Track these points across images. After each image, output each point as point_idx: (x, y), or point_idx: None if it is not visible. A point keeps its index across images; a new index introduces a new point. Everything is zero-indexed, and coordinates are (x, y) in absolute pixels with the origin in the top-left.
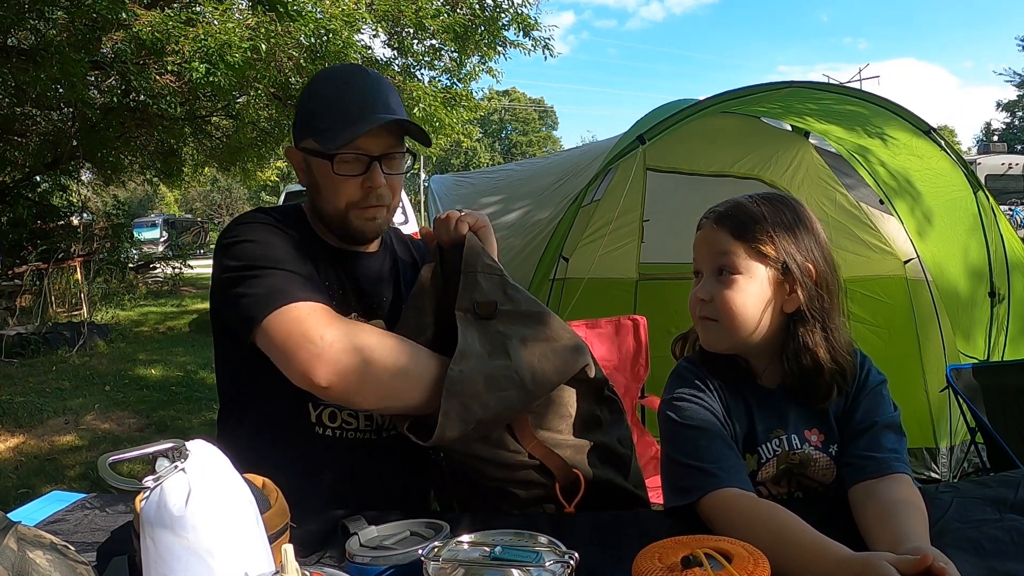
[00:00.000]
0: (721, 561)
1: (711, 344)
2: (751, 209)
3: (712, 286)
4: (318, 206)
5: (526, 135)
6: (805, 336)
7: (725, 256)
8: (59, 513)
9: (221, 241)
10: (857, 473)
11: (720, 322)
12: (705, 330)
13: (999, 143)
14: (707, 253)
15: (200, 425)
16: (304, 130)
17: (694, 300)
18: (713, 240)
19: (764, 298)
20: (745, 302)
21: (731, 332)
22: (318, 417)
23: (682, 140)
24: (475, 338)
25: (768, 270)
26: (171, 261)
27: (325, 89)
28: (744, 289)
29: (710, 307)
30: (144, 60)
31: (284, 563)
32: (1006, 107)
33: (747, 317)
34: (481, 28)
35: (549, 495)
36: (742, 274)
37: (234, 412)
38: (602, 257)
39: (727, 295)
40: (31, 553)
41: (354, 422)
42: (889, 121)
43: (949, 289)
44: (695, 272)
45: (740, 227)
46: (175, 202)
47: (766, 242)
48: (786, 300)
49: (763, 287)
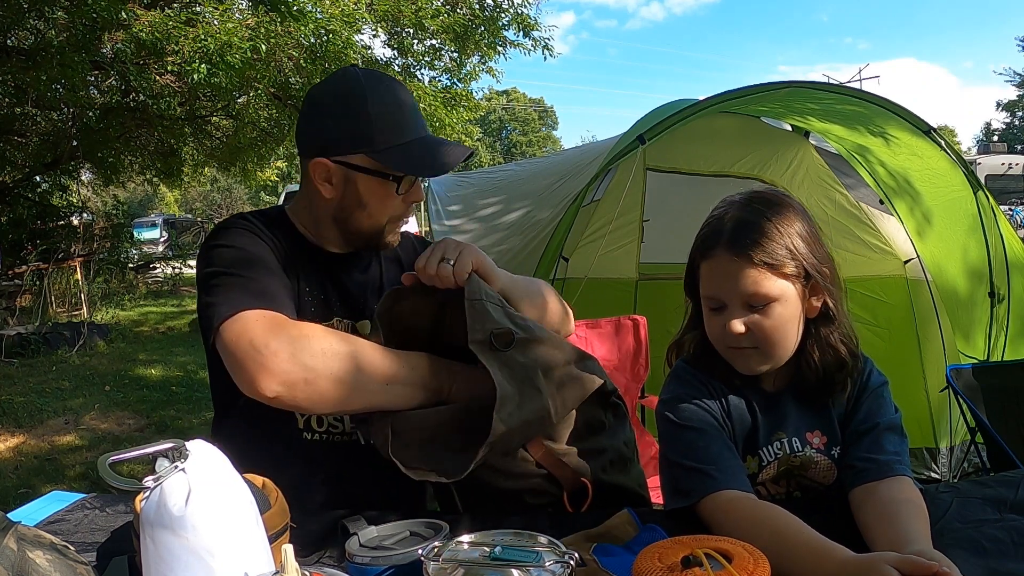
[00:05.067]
0: (721, 561)
1: (752, 370)
2: (760, 225)
3: (746, 318)
4: (352, 219)
5: (526, 135)
6: (829, 335)
7: (757, 290)
8: (59, 513)
9: (201, 248)
10: (859, 475)
11: (760, 350)
12: (743, 359)
13: (999, 143)
14: (732, 288)
15: (200, 425)
16: (355, 144)
17: (724, 333)
18: (735, 274)
19: (797, 314)
20: (785, 326)
21: (772, 356)
22: (306, 423)
23: (682, 140)
24: (500, 375)
25: (796, 286)
26: (171, 261)
27: (380, 105)
28: (781, 315)
29: (747, 338)
30: (144, 60)
31: (284, 563)
32: (1006, 107)
33: (788, 339)
34: (481, 28)
35: (556, 503)
36: (776, 300)
37: (226, 419)
38: (602, 257)
39: (767, 325)
40: (31, 553)
41: (340, 426)
42: (889, 121)
43: (949, 289)
44: (714, 304)
45: (760, 252)
46: (175, 202)
47: (787, 261)
48: (810, 307)
49: (795, 305)
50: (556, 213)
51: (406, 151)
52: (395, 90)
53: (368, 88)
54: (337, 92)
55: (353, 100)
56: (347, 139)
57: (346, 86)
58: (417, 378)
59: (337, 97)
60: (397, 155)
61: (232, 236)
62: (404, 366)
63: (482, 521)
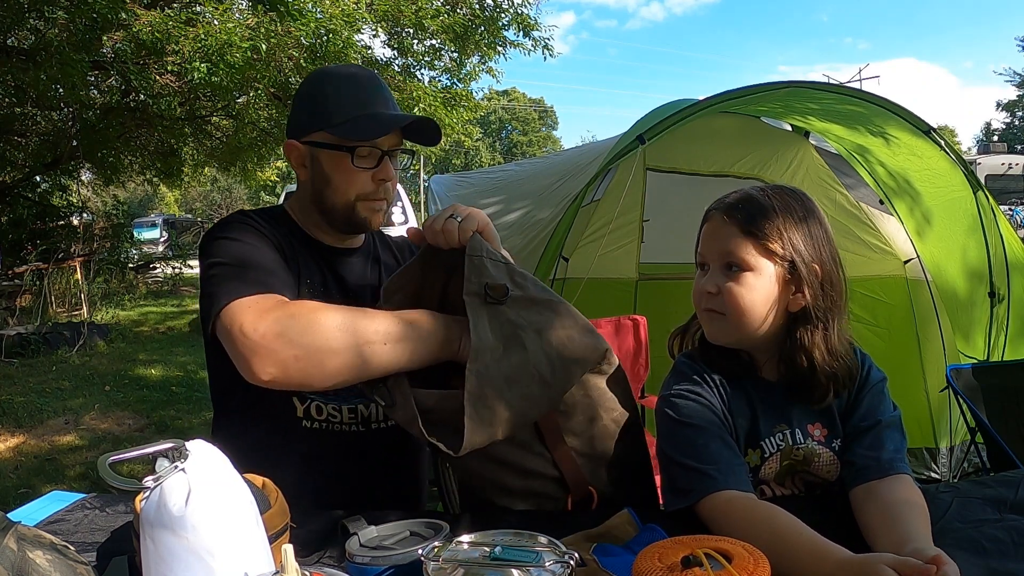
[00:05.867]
0: (721, 561)
1: (715, 337)
2: (762, 203)
3: (720, 280)
4: (323, 198)
5: (526, 135)
6: (803, 336)
7: (735, 251)
8: (59, 513)
9: (201, 242)
10: (860, 473)
11: (727, 316)
12: (711, 322)
13: (999, 143)
14: (716, 246)
15: (200, 425)
16: (314, 122)
17: (700, 292)
18: (722, 234)
19: (771, 295)
20: (753, 299)
21: (737, 327)
22: (305, 411)
23: (682, 140)
24: (487, 328)
25: (776, 267)
26: (171, 261)
27: (337, 85)
28: (753, 286)
29: (717, 300)
30: (144, 60)
31: (284, 563)
32: (1006, 107)
33: (754, 313)
34: (481, 28)
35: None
36: (751, 271)
37: (226, 412)
38: (602, 257)
39: (736, 291)
40: (31, 553)
41: (338, 415)
42: (889, 121)
43: (949, 289)
44: (700, 264)
45: (750, 222)
46: (175, 202)
47: (775, 239)
48: (791, 299)
49: (771, 284)
50: (556, 213)
51: (357, 122)
52: (358, 73)
53: (331, 72)
54: (308, 81)
55: (316, 83)
56: (309, 119)
57: (315, 75)
58: (419, 332)
59: (305, 84)
60: (349, 127)
61: (231, 229)
62: (402, 323)
63: (482, 521)
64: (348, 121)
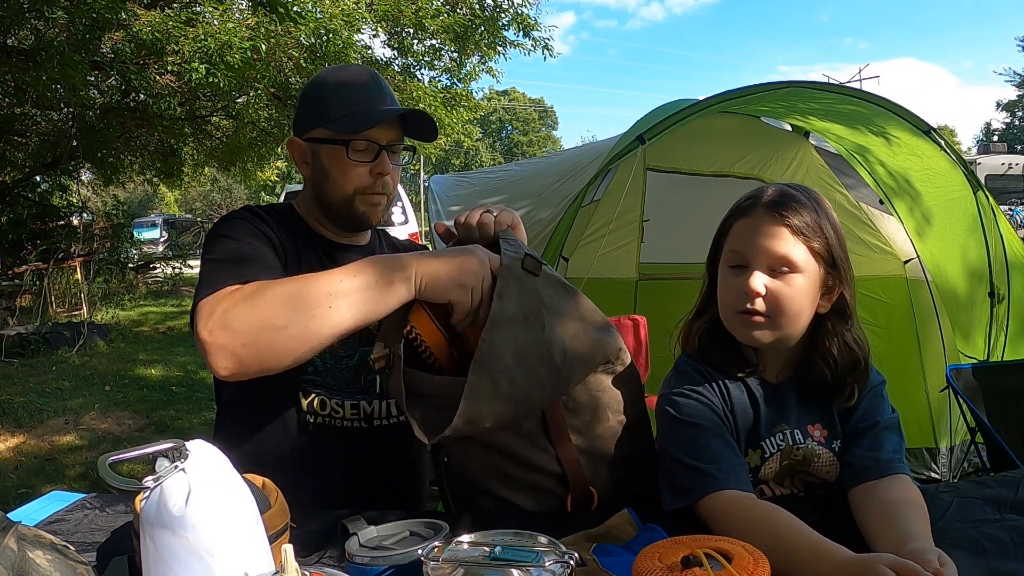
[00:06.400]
0: (721, 561)
1: (756, 341)
2: (800, 199)
3: (768, 281)
4: (323, 193)
5: (526, 135)
6: (845, 333)
7: (788, 252)
8: (59, 513)
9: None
10: (859, 474)
11: (772, 320)
12: (752, 327)
13: (999, 143)
14: (762, 246)
15: (200, 425)
16: (313, 120)
17: (740, 292)
18: (767, 231)
19: (814, 295)
20: (802, 302)
21: (781, 330)
22: (309, 405)
23: (682, 140)
24: (512, 299)
25: (819, 266)
26: (171, 261)
27: (336, 84)
28: (800, 286)
29: (760, 302)
30: (144, 60)
31: (284, 563)
32: (1006, 107)
33: (800, 316)
34: (481, 28)
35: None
36: (800, 272)
37: (231, 408)
38: (602, 257)
39: (786, 293)
40: (31, 553)
41: (340, 411)
42: (889, 121)
43: (949, 289)
44: (736, 264)
45: (796, 217)
46: (175, 202)
47: (817, 237)
48: (824, 301)
49: (816, 286)
50: (556, 213)
51: (354, 117)
52: (357, 72)
53: (332, 72)
54: (310, 82)
55: (318, 83)
56: (309, 116)
57: (318, 76)
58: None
59: (308, 85)
60: (345, 121)
61: (226, 226)
62: (344, 277)
63: (482, 521)
64: (344, 116)
